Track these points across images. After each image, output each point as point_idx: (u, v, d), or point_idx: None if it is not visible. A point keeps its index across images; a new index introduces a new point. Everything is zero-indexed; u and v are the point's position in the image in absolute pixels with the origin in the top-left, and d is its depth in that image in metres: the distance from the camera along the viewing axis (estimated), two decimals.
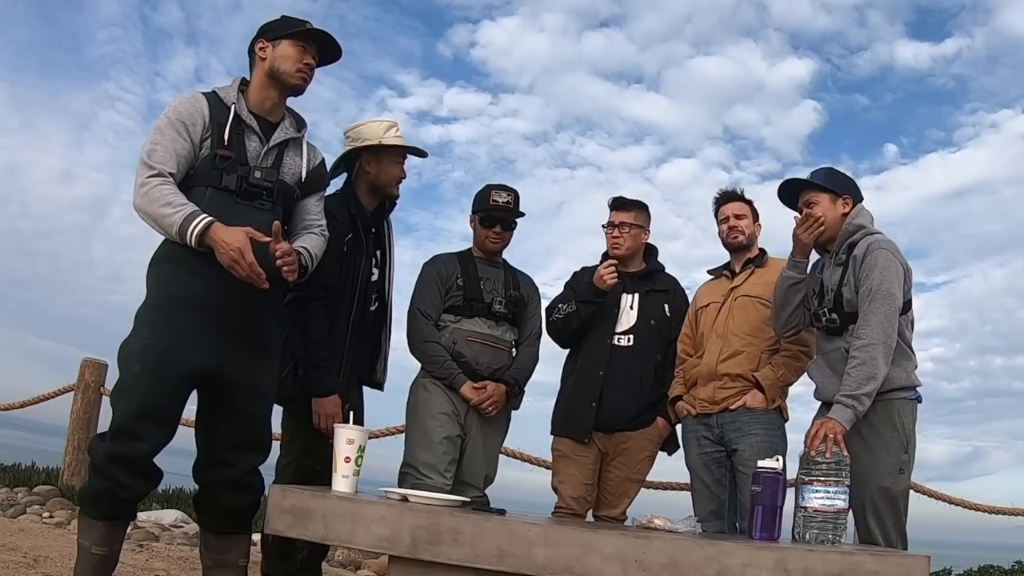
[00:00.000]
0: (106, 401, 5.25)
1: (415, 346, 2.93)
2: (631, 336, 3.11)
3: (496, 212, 2.98)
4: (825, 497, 2.07)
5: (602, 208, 3.28)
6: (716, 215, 3.28)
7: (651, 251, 3.30)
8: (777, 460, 2.18)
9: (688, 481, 3.23)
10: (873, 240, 2.54)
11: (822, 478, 2.09)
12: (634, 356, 3.09)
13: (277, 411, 2.69)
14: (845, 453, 2.19)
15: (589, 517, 3.13)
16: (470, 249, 3.08)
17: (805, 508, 2.09)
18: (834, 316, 2.58)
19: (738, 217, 3.20)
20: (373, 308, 2.80)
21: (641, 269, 3.23)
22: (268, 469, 2.70)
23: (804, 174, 2.75)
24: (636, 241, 3.17)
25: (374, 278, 2.80)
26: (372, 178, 2.77)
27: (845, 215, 2.63)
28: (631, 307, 3.15)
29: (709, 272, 3.38)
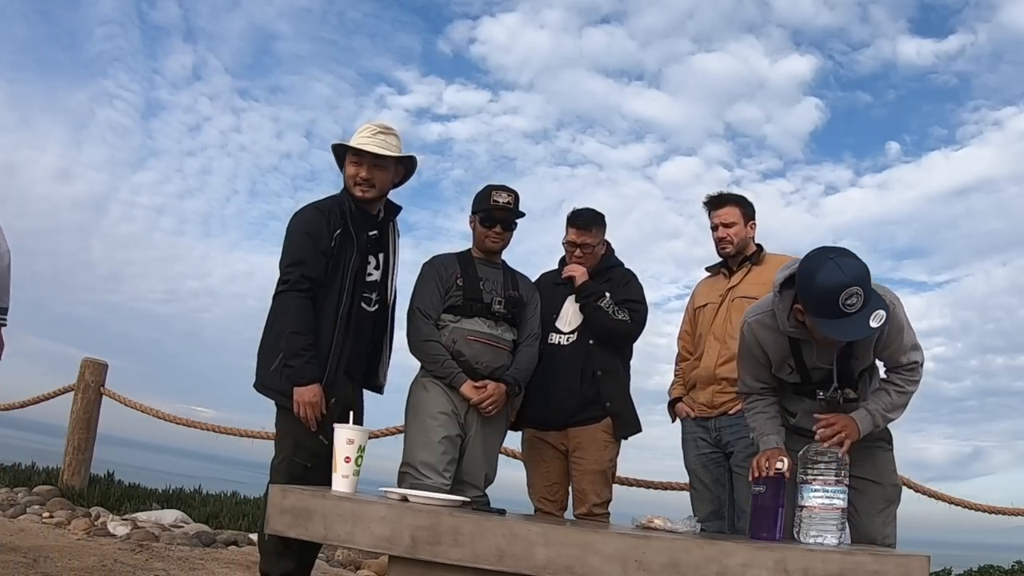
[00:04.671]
0: (107, 401, 5.26)
1: (415, 345, 2.93)
2: (573, 335, 3.12)
3: (496, 212, 2.99)
4: (824, 496, 2.07)
5: (604, 206, 3.28)
6: (709, 217, 3.27)
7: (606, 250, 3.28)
8: (782, 461, 2.18)
9: (688, 481, 3.23)
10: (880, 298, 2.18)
11: (821, 478, 2.09)
12: (575, 352, 3.09)
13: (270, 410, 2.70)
14: (846, 459, 2.17)
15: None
16: (470, 250, 3.09)
17: (804, 508, 2.09)
18: (849, 393, 2.33)
19: (727, 226, 3.18)
20: (373, 309, 2.80)
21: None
22: (266, 469, 2.71)
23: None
24: (596, 258, 3.19)
25: (372, 278, 2.80)
26: (344, 179, 2.82)
27: None
28: (578, 311, 3.15)
29: (707, 269, 3.38)
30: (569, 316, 3.15)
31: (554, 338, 3.13)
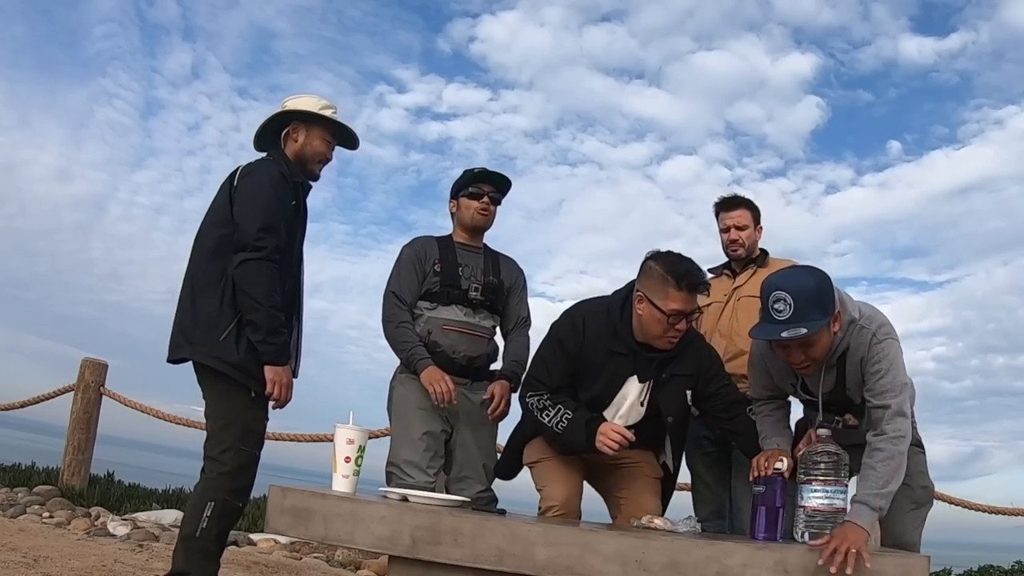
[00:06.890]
0: (106, 401, 5.26)
1: (386, 330, 2.84)
2: (634, 430, 2.39)
3: (483, 182, 2.90)
4: (824, 496, 2.07)
5: (604, 206, 3.20)
6: (717, 218, 3.28)
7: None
8: (781, 461, 2.18)
9: (688, 481, 3.23)
10: (867, 331, 2.16)
11: (821, 478, 2.09)
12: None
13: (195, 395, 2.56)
14: (846, 459, 2.16)
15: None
16: (451, 235, 2.99)
17: (804, 508, 2.09)
18: (849, 419, 2.31)
19: (739, 228, 3.18)
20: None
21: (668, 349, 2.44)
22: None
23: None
24: None
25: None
26: (298, 148, 2.67)
27: (835, 332, 2.14)
28: (641, 402, 2.46)
29: (710, 271, 3.37)
30: (628, 410, 2.46)
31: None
